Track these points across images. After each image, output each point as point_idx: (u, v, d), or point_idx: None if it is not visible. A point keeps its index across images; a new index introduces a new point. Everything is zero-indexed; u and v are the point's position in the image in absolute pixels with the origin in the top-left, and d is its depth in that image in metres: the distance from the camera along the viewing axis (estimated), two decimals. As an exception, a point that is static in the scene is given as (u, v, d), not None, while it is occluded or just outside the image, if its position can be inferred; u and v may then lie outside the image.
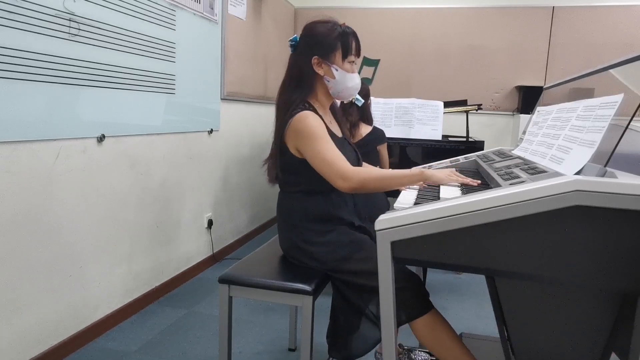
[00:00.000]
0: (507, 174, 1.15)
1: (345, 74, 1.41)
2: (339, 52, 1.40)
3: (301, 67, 1.41)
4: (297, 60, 1.43)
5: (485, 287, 2.46)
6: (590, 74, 1.30)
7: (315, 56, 1.39)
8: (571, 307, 0.92)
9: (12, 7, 1.48)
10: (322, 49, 1.39)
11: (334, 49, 1.39)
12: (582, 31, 3.64)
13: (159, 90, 2.26)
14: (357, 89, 1.47)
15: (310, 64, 1.40)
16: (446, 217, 0.85)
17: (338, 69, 1.40)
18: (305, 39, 1.42)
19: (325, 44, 1.39)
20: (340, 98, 1.48)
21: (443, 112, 2.83)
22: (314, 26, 1.42)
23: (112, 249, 2.06)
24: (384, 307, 0.94)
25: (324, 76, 1.41)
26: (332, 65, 1.39)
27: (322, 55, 1.39)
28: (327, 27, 1.40)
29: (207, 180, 2.86)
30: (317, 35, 1.40)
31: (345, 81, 1.42)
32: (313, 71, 1.41)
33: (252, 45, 3.33)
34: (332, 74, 1.40)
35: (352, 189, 1.28)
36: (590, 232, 0.78)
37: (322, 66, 1.40)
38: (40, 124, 1.62)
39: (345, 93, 1.45)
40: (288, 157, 1.40)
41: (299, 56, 1.42)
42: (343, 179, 1.27)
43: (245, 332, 2.09)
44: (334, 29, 1.40)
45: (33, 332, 1.68)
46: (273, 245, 1.66)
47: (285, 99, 1.41)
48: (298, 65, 1.42)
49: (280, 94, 1.44)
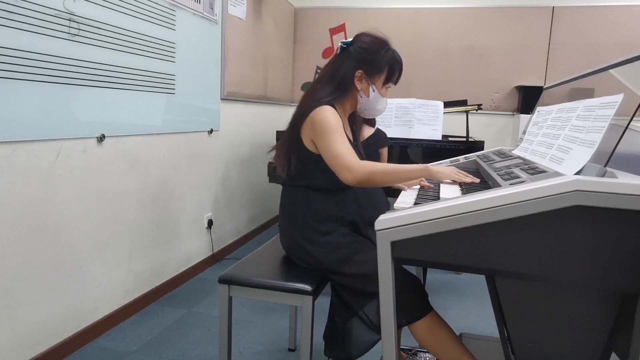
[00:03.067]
0: (507, 174, 1.15)
1: (379, 97, 1.45)
2: (383, 76, 1.44)
3: (343, 73, 1.42)
4: (341, 65, 1.43)
5: (485, 287, 2.46)
6: (590, 74, 1.30)
7: (361, 70, 1.41)
8: (571, 307, 0.92)
9: (12, 7, 1.48)
10: (369, 66, 1.42)
11: (380, 71, 1.43)
12: (582, 31, 3.64)
13: (159, 90, 2.26)
14: (382, 112, 1.51)
15: (353, 75, 1.42)
16: (446, 217, 0.84)
17: (375, 91, 1.43)
18: (357, 48, 1.43)
19: (374, 64, 1.42)
20: (364, 115, 1.52)
21: (443, 112, 2.83)
22: (370, 40, 1.44)
23: (112, 249, 2.06)
24: (384, 308, 0.94)
25: (360, 91, 1.44)
26: (372, 85, 1.43)
27: (368, 72, 1.42)
28: (381, 46, 1.42)
29: (207, 180, 2.86)
30: (370, 51, 1.42)
31: (377, 103, 1.46)
32: (352, 82, 1.43)
33: (252, 45, 3.33)
34: (368, 93, 1.44)
35: (357, 181, 1.28)
36: (590, 232, 0.78)
37: (362, 82, 1.43)
38: (41, 123, 1.62)
39: (370, 113, 1.49)
40: (300, 149, 1.40)
41: (344, 62, 1.43)
42: (349, 170, 1.28)
43: (245, 332, 2.09)
44: (387, 52, 1.43)
45: (33, 332, 1.68)
46: (273, 245, 1.66)
47: (316, 94, 1.42)
48: (340, 70, 1.43)
49: (312, 88, 1.46)
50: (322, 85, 1.43)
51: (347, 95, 1.44)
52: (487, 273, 0.94)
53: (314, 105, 1.37)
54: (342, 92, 1.43)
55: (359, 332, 1.36)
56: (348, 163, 1.28)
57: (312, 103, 1.38)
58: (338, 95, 1.42)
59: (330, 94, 1.41)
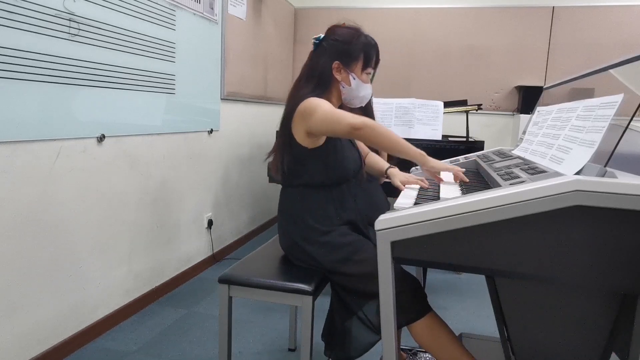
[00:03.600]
0: (507, 174, 1.15)
1: (360, 83, 1.45)
2: (360, 63, 1.44)
3: (321, 67, 1.43)
4: (317, 60, 1.45)
5: (485, 287, 2.46)
6: (590, 74, 1.30)
7: (337, 61, 1.42)
8: (571, 307, 0.92)
9: (12, 7, 1.48)
10: (344, 56, 1.42)
11: (356, 59, 1.43)
12: (582, 31, 3.64)
13: (159, 90, 2.26)
14: (367, 99, 1.51)
15: (331, 68, 1.43)
16: (446, 217, 0.85)
17: (355, 78, 1.44)
18: (330, 41, 1.44)
19: (349, 52, 1.42)
20: (350, 105, 1.51)
21: (443, 112, 2.83)
22: (341, 31, 1.45)
23: (112, 249, 2.06)
24: (384, 308, 0.94)
25: (341, 82, 1.44)
26: (350, 73, 1.43)
27: (344, 62, 1.42)
28: (353, 35, 1.43)
29: (207, 180, 2.86)
30: (343, 41, 1.43)
31: (359, 90, 1.46)
32: (331, 75, 1.43)
33: (252, 45, 3.33)
34: (349, 82, 1.44)
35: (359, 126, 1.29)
36: (590, 232, 0.78)
37: (341, 72, 1.43)
38: (40, 124, 1.63)
39: (356, 101, 1.49)
40: (294, 147, 1.40)
41: (320, 57, 1.44)
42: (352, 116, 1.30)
43: (245, 332, 2.09)
44: (360, 39, 1.43)
45: (33, 332, 1.68)
46: (273, 245, 1.66)
47: (299, 93, 1.43)
48: (318, 65, 1.44)
49: (294, 88, 1.47)
50: (303, 84, 1.44)
51: (330, 89, 1.46)
52: (487, 273, 0.94)
53: (299, 101, 1.38)
54: (324, 87, 1.44)
55: (358, 332, 1.37)
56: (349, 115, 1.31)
57: (297, 100, 1.39)
58: (321, 92, 1.43)
59: (313, 91, 1.42)
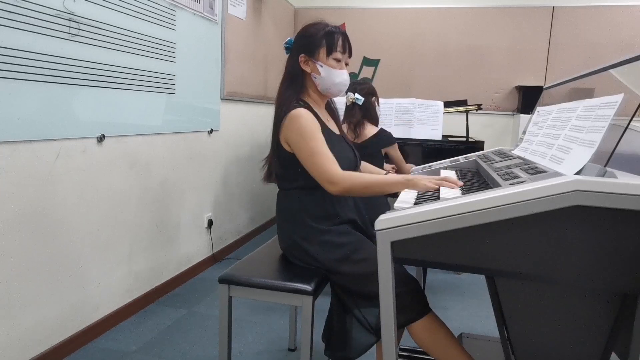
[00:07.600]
0: (507, 174, 1.15)
1: (330, 70, 1.44)
2: (324, 49, 1.44)
3: (292, 66, 1.47)
4: (289, 61, 1.49)
5: (485, 287, 2.46)
6: (590, 74, 1.30)
7: (302, 54, 1.45)
8: (571, 307, 0.92)
9: (12, 7, 1.48)
10: (307, 47, 1.45)
11: (319, 46, 1.44)
12: (582, 31, 3.64)
13: (159, 90, 2.25)
14: (345, 85, 1.49)
15: (298, 63, 1.45)
16: (446, 217, 0.84)
17: (323, 65, 1.44)
18: (295, 39, 1.49)
19: (311, 42, 1.45)
20: (330, 94, 1.51)
21: (443, 112, 2.83)
22: (304, 27, 1.49)
23: (112, 249, 2.06)
24: (384, 308, 0.94)
25: (311, 73, 1.46)
26: (317, 62, 1.44)
27: (308, 52, 1.45)
28: (314, 27, 1.46)
29: (207, 180, 2.86)
30: (305, 34, 1.47)
31: (332, 77, 1.45)
32: (301, 69, 1.46)
33: (252, 45, 3.33)
34: (318, 71, 1.44)
35: (339, 193, 1.33)
36: (590, 232, 0.78)
37: (308, 64, 1.45)
38: (40, 124, 1.62)
39: (334, 89, 1.48)
40: (283, 153, 1.43)
41: (291, 57, 1.49)
42: (330, 182, 1.32)
43: (245, 332, 2.09)
44: (320, 28, 1.45)
45: (33, 332, 1.68)
46: (273, 245, 1.66)
47: (281, 97, 1.47)
48: (290, 65, 1.48)
49: (277, 93, 1.50)
50: (284, 87, 1.48)
51: (305, 84, 1.48)
52: (487, 273, 0.94)
53: (284, 109, 1.40)
54: (300, 83, 1.46)
55: (357, 333, 1.36)
56: (329, 174, 1.32)
57: (282, 108, 1.42)
58: (299, 89, 1.46)
59: (292, 90, 1.45)
